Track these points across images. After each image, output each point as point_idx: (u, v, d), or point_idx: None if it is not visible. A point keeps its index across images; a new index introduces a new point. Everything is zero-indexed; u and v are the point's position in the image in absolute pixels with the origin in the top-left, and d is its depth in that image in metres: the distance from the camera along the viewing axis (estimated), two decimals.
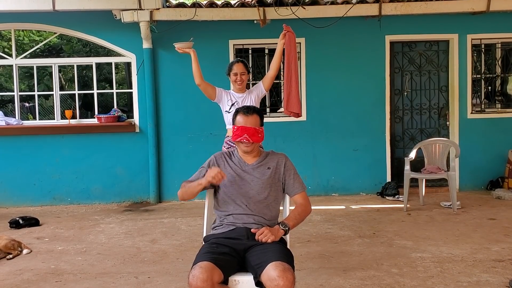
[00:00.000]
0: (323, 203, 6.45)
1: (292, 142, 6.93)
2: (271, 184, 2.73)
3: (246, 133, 2.72)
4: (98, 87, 7.18)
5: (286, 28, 4.26)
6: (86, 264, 4.15)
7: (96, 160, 6.89)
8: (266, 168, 2.76)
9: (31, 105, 11.38)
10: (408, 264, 3.89)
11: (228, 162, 2.80)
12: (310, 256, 4.19)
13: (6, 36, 11.41)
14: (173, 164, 6.95)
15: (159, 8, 6.43)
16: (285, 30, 4.25)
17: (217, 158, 2.84)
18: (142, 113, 6.89)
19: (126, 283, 3.66)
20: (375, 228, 5.09)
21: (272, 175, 2.75)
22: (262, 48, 7.09)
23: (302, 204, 2.76)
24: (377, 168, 7.01)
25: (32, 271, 4.00)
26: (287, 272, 2.22)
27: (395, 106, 7.19)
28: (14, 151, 6.80)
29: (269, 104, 7.13)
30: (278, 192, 2.78)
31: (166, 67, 6.87)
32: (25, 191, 6.83)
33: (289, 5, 6.42)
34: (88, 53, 11.95)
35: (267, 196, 2.71)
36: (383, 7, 6.54)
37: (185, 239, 4.87)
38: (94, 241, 4.90)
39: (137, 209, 6.51)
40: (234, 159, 2.82)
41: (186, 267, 2.67)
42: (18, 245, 4.48)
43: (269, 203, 2.72)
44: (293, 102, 4.27)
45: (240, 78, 4.20)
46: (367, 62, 6.98)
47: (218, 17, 6.57)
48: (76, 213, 6.34)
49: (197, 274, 2.22)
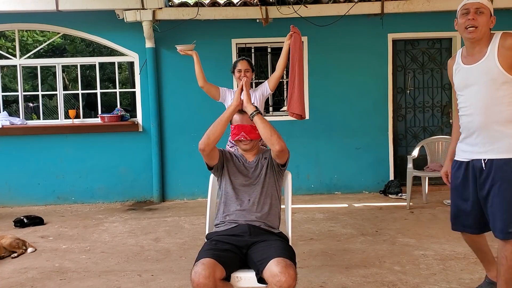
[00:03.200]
0: (326, 202, 6.46)
1: (295, 141, 6.92)
2: (269, 178, 2.76)
3: (243, 130, 2.75)
4: (101, 86, 7.20)
5: (293, 29, 4.24)
6: (90, 263, 4.18)
7: (100, 159, 6.92)
8: (263, 159, 2.81)
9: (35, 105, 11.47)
10: (410, 262, 3.89)
11: (233, 158, 2.82)
12: (313, 254, 4.20)
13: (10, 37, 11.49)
14: (176, 163, 6.98)
15: (161, 8, 6.46)
16: (292, 31, 4.24)
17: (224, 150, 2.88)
18: (145, 113, 6.92)
19: (130, 281, 3.68)
20: (378, 226, 5.10)
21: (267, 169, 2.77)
22: (264, 47, 7.10)
23: None
24: (380, 166, 7.01)
25: (36, 269, 4.03)
26: (289, 268, 2.23)
27: (398, 104, 7.19)
28: (19, 150, 6.84)
29: (272, 103, 7.15)
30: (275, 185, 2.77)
31: (169, 66, 6.89)
32: (29, 190, 6.87)
33: (291, 3, 6.43)
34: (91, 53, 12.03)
35: (268, 194, 2.73)
36: (385, 5, 6.54)
37: (188, 238, 4.89)
38: (98, 240, 4.93)
39: (140, 208, 6.54)
40: (237, 157, 2.85)
41: (189, 265, 2.69)
42: (22, 243, 4.52)
43: (270, 200, 2.73)
44: (296, 103, 4.26)
45: (244, 75, 4.21)
46: (369, 60, 6.98)
47: (221, 16, 6.59)
48: (80, 212, 6.37)
49: (199, 270, 2.24)
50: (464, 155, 2.73)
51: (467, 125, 2.68)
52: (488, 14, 2.56)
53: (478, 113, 2.59)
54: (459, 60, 2.74)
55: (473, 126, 2.63)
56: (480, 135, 2.61)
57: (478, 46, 2.59)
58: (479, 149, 2.63)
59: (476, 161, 2.65)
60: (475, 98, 2.61)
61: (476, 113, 2.60)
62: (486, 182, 2.59)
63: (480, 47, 2.59)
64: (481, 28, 2.53)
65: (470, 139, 2.68)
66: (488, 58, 2.55)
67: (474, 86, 2.61)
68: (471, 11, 2.54)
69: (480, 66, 2.59)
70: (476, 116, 2.60)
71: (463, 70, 2.68)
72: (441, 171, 3.04)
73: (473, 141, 2.65)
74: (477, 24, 2.53)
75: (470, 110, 2.64)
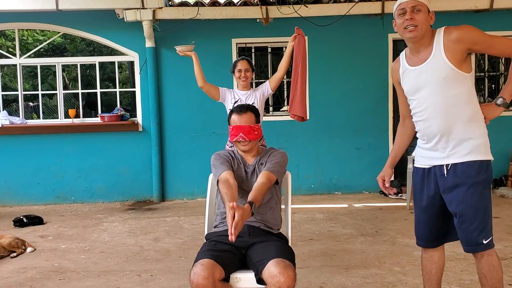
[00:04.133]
0: (326, 202, 6.45)
1: (295, 141, 6.94)
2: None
3: (241, 131, 2.71)
4: (101, 86, 7.20)
5: (298, 31, 4.22)
6: (90, 262, 4.17)
7: (100, 159, 6.92)
8: (259, 164, 2.76)
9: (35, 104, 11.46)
10: (410, 262, 3.88)
11: (234, 163, 2.79)
12: (313, 254, 4.19)
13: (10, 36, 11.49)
14: (176, 163, 6.97)
15: (161, 7, 6.45)
16: (296, 33, 4.22)
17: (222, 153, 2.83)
18: (145, 112, 6.91)
19: (129, 281, 3.67)
20: (378, 227, 5.09)
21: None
22: (265, 46, 7.10)
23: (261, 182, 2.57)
24: (380, 166, 6.77)
25: (35, 269, 4.02)
26: (288, 269, 2.22)
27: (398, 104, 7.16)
28: (18, 150, 6.84)
29: (272, 103, 7.14)
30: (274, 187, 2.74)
31: (169, 66, 6.88)
32: (29, 190, 6.86)
33: (291, 3, 6.42)
34: (91, 52, 12.03)
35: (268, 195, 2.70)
36: (385, 5, 6.53)
37: (188, 238, 4.89)
38: (97, 240, 4.93)
39: (140, 207, 6.53)
40: (237, 160, 2.81)
41: (189, 265, 2.68)
42: (22, 243, 4.51)
43: (270, 201, 2.72)
44: (298, 105, 4.25)
45: (245, 74, 4.20)
46: (370, 60, 6.98)
47: (221, 15, 6.58)
48: (79, 212, 6.37)
49: (198, 271, 2.23)
50: (423, 161, 2.52)
51: (425, 131, 2.45)
52: (425, 10, 2.38)
53: (435, 116, 2.38)
54: (404, 63, 2.52)
55: (432, 132, 2.41)
56: (441, 140, 2.39)
57: (422, 46, 2.40)
58: (440, 154, 2.41)
59: (437, 168, 2.43)
60: (430, 101, 2.39)
61: (433, 117, 2.39)
62: (451, 189, 2.37)
63: (424, 46, 2.40)
64: (421, 26, 2.35)
65: (429, 144, 2.46)
66: (435, 56, 2.36)
67: (426, 88, 2.40)
68: (408, 11, 2.37)
69: (428, 65, 2.38)
70: (434, 120, 2.39)
71: (411, 73, 2.47)
72: (378, 176, 2.82)
73: (433, 147, 2.43)
74: (416, 22, 2.35)
75: (425, 114, 2.42)
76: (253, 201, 2.40)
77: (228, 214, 2.24)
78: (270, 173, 2.62)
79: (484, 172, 2.36)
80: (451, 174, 2.38)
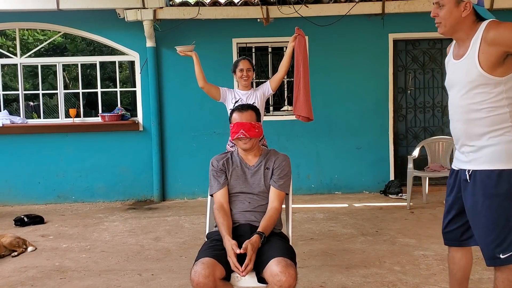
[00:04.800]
0: (326, 201, 6.46)
1: (296, 141, 6.94)
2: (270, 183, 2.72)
3: (242, 128, 2.70)
4: (102, 85, 7.20)
5: (298, 31, 4.22)
6: (90, 262, 4.18)
7: (100, 158, 6.92)
8: (265, 169, 2.75)
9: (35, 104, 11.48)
10: (410, 262, 3.89)
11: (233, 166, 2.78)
12: (313, 254, 4.20)
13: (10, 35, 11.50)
14: (176, 163, 6.98)
15: (162, 7, 6.45)
16: (296, 33, 4.22)
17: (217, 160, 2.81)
18: (145, 112, 6.92)
19: (130, 280, 3.68)
20: (378, 226, 5.10)
21: (270, 179, 2.73)
22: (265, 46, 7.10)
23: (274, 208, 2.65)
24: (380, 166, 7.01)
25: (36, 268, 4.03)
26: (289, 268, 2.23)
27: (399, 104, 7.18)
28: (19, 149, 6.84)
29: (272, 103, 7.15)
30: None
31: (169, 66, 6.89)
32: (29, 189, 6.87)
33: (292, 3, 6.43)
34: (92, 52, 12.04)
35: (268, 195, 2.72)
36: (386, 5, 6.54)
37: (189, 237, 4.89)
38: (98, 239, 4.93)
39: (140, 207, 6.54)
40: (234, 161, 2.80)
41: (190, 264, 2.69)
42: (23, 242, 4.52)
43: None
44: (302, 106, 4.25)
45: (246, 74, 4.21)
46: (370, 60, 6.98)
47: (222, 15, 6.59)
48: (80, 211, 6.37)
49: (199, 270, 2.23)
50: (455, 163, 2.43)
51: (452, 131, 2.38)
52: (450, 4, 2.18)
53: (458, 119, 2.29)
54: (451, 52, 2.37)
55: (456, 134, 2.34)
56: (464, 144, 2.30)
57: (460, 40, 2.25)
58: (465, 158, 2.31)
59: (462, 172, 2.33)
60: (455, 102, 2.30)
61: (456, 119, 2.31)
62: (471, 196, 2.27)
63: (462, 41, 2.23)
64: (444, 22, 2.22)
65: (457, 146, 2.38)
66: (469, 55, 2.18)
67: (454, 88, 2.29)
68: (434, 7, 2.25)
69: (462, 63, 2.22)
70: (457, 123, 2.31)
71: (451, 66, 2.33)
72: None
73: (459, 149, 2.35)
74: (439, 19, 2.23)
75: (452, 115, 2.36)
76: (263, 232, 2.47)
77: (228, 249, 2.36)
78: (281, 192, 2.69)
79: (505, 182, 2.18)
80: (472, 181, 2.26)
